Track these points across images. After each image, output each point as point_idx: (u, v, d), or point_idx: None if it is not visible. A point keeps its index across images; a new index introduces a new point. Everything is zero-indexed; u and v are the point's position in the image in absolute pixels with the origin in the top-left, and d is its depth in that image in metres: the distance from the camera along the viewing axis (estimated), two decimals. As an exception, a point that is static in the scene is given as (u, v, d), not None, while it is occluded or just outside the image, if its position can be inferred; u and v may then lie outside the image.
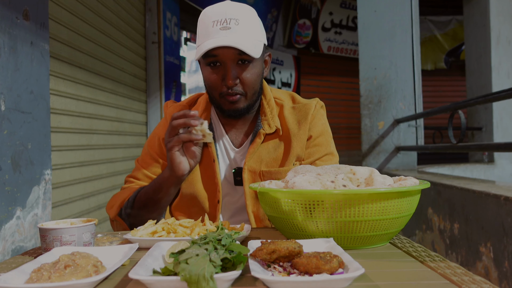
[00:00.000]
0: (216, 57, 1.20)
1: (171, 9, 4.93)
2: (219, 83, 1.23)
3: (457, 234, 2.21)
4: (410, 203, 0.96)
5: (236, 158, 1.35)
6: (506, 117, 4.55)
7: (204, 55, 1.20)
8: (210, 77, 1.24)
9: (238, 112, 1.27)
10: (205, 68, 1.25)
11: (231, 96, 1.23)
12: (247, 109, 1.28)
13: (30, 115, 1.37)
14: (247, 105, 1.27)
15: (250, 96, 1.26)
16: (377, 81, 3.86)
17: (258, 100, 1.32)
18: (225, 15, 1.18)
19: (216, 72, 1.23)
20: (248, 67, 1.22)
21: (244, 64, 1.22)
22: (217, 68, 1.22)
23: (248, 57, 1.20)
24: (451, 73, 8.54)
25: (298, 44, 7.72)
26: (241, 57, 1.20)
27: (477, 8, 4.72)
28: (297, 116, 1.36)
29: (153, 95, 4.61)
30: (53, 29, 2.51)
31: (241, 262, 0.74)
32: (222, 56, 1.19)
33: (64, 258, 0.78)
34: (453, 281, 0.72)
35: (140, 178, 1.39)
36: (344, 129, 8.11)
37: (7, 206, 1.25)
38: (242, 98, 1.25)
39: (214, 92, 1.26)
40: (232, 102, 1.24)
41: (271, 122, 1.32)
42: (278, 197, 0.96)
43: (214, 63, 1.22)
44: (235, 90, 1.22)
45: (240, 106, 1.25)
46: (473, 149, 2.71)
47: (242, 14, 1.20)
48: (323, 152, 1.36)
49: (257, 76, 1.25)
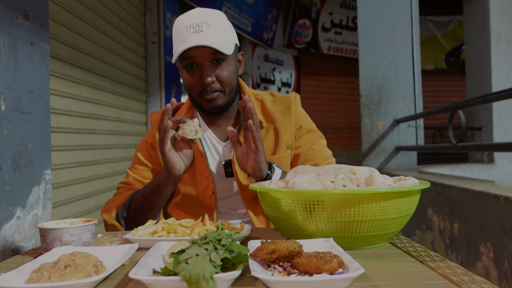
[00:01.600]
0: (192, 58, 1.28)
1: (171, 9, 4.93)
2: (197, 83, 1.31)
3: (457, 234, 2.21)
4: (410, 203, 0.96)
5: (224, 152, 1.41)
6: (506, 117, 4.55)
7: (181, 58, 1.29)
8: (188, 78, 1.32)
9: (218, 108, 1.34)
10: (183, 72, 1.33)
11: (210, 94, 1.30)
12: (227, 105, 1.36)
13: (30, 115, 1.37)
14: (226, 101, 1.34)
15: (228, 92, 1.34)
16: (377, 81, 3.86)
17: (236, 96, 1.40)
18: (196, 19, 1.28)
19: (194, 74, 1.31)
20: (223, 65, 1.30)
21: (219, 62, 1.30)
22: (194, 69, 1.31)
23: (221, 55, 1.28)
24: (451, 73, 8.53)
25: (298, 44, 7.72)
26: (215, 56, 1.28)
27: (477, 8, 4.72)
28: (280, 107, 1.45)
29: (153, 95, 4.61)
30: (53, 29, 2.51)
31: (241, 262, 0.75)
32: (198, 57, 1.27)
33: (64, 258, 0.78)
34: (453, 281, 0.72)
35: (131, 183, 1.45)
36: (344, 129, 8.10)
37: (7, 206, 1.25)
38: (220, 94, 1.32)
39: (193, 92, 1.33)
40: (211, 100, 1.31)
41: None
42: (278, 197, 0.96)
43: (191, 65, 1.30)
44: (213, 87, 1.30)
45: (219, 102, 1.33)
46: (473, 149, 2.71)
47: (212, 17, 1.29)
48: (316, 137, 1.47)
49: (232, 73, 1.33)
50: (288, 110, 1.44)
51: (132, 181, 1.45)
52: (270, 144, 1.41)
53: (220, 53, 1.27)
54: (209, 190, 1.38)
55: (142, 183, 1.44)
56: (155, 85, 4.62)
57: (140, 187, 1.43)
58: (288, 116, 1.43)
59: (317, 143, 1.46)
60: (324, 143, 1.49)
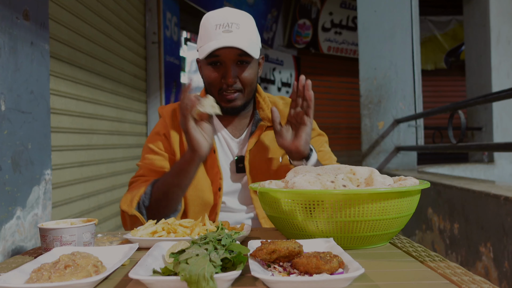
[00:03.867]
0: (218, 57, 1.31)
1: (171, 9, 4.93)
2: (218, 81, 1.34)
3: (457, 234, 2.21)
4: (410, 203, 0.96)
5: (236, 148, 1.44)
6: (506, 117, 4.55)
7: (207, 55, 1.30)
8: (211, 75, 1.34)
9: (235, 109, 1.38)
10: (206, 67, 1.35)
11: (230, 94, 1.34)
12: (244, 106, 1.39)
13: (30, 115, 1.37)
14: (244, 102, 1.38)
15: (247, 94, 1.37)
16: (377, 81, 3.86)
17: (253, 98, 1.45)
18: (227, 19, 1.30)
19: (217, 71, 1.33)
20: (247, 67, 1.34)
21: (243, 64, 1.33)
22: (217, 67, 1.33)
23: (247, 57, 1.31)
24: (451, 73, 8.53)
25: (298, 44, 7.72)
26: (241, 58, 1.31)
27: (477, 8, 4.72)
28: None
29: (153, 95, 4.61)
30: (53, 29, 2.51)
31: (241, 262, 0.75)
32: (224, 56, 1.30)
33: (64, 258, 0.78)
34: (453, 281, 0.72)
35: (146, 174, 1.42)
36: (344, 129, 8.10)
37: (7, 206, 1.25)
38: (240, 95, 1.36)
39: (213, 89, 1.36)
40: (230, 100, 1.35)
41: (269, 115, 1.44)
42: (278, 197, 0.96)
43: (215, 63, 1.33)
44: (234, 87, 1.33)
45: (238, 103, 1.36)
46: (473, 149, 2.71)
47: (242, 19, 1.32)
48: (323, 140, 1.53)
49: (254, 75, 1.37)
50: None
51: (146, 173, 1.42)
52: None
53: (246, 55, 1.30)
54: (215, 186, 1.40)
55: (157, 172, 1.41)
56: (155, 85, 4.62)
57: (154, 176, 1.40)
58: None
59: (324, 146, 1.52)
60: (329, 148, 1.54)
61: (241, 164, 1.41)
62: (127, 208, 1.33)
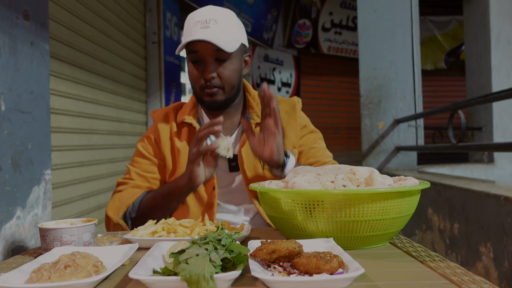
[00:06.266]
0: (196, 53, 1.33)
1: (171, 9, 4.92)
2: (199, 77, 1.36)
3: (457, 234, 2.21)
4: (410, 203, 0.96)
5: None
6: (506, 117, 4.55)
7: (188, 51, 1.34)
8: (192, 72, 1.37)
9: (216, 103, 1.38)
10: (189, 65, 1.38)
11: (209, 89, 1.35)
12: (226, 102, 1.39)
13: (30, 115, 1.37)
14: (225, 98, 1.38)
15: (228, 90, 1.37)
16: (377, 81, 3.86)
17: (237, 95, 1.44)
18: (205, 16, 1.32)
19: (197, 68, 1.36)
20: (225, 63, 1.34)
21: (222, 60, 1.34)
22: (198, 64, 1.35)
23: (225, 54, 1.32)
24: (451, 73, 8.53)
25: (298, 44, 7.72)
26: (219, 53, 1.32)
27: (477, 8, 4.72)
28: (284, 107, 1.49)
29: (153, 95, 4.61)
30: (53, 29, 2.51)
31: (241, 262, 0.75)
32: (202, 51, 1.32)
33: (64, 258, 0.78)
34: (453, 281, 0.72)
35: (134, 178, 1.43)
36: (344, 129, 8.10)
37: (7, 206, 1.25)
38: (220, 91, 1.36)
39: (195, 85, 1.38)
40: (210, 94, 1.36)
41: (259, 113, 1.44)
42: (278, 197, 0.96)
43: (196, 61, 1.35)
44: (213, 83, 1.34)
45: (218, 98, 1.37)
46: (473, 149, 2.71)
47: (220, 15, 1.33)
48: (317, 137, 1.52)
49: (234, 71, 1.37)
50: (293, 111, 1.49)
51: (134, 176, 1.43)
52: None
53: (223, 51, 1.30)
54: (209, 185, 1.39)
55: (145, 178, 1.43)
56: (155, 85, 4.62)
57: (141, 181, 1.42)
58: (293, 116, 1.48)
59: (318, 143, 1.51)
60: (324, 144, 1.53)
61: (234, 163, 1.42)
62: (113, 215, 1.35)
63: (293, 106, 1.50)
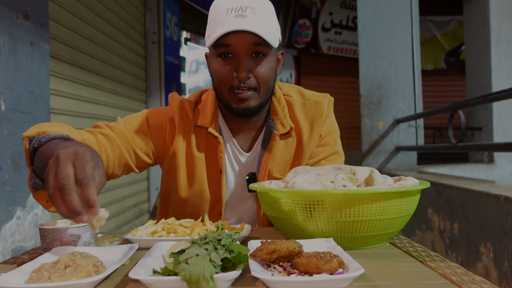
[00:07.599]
0: (229, 46, 1.10)
1: (171, 9, 4.92)
2: (230, 76, 1.13)
3: (457, 234, 2.21)
4: (410, 203, 0.96)
5: (247, 163, 1.26)
6: (506, 117, 4.55)
7: (216, 44, 1.11)
8: (220, 69, 1.13)
9: (249, 111, 1.16)
10: (216, 60, 1.14)
11: (242, 93, 1.13)
12: (259, 108, 1.17)
13: (30, 115, 1.37)
14: (259, 104, 1.16)
15: (263, 93, 1.16)
16: (377, 81, 3.86)
17: (269, 99, 1.22)
18: (240, 3, 1.09)
19: (228, 64, 1.13)
20: (263, 60, 1.13)
21: (259, 57, 1.13)
22: (228, 59, 1.13)
23: (263, 48, 1.11)
24: (451, 73, 8.53)
25: (298, 44, 7.72)
26: (256, 48, 1.11)
27: (477, 8, 4.72)
28: (309, 115, 1.26)
29: (153, 95, 4.61)
30: (53, 29, 2.51)
31: (241, 262, 0.74)
32: (236, 45, 1.10)
33: (64, 258, 0.78)
34: (453, 281, 0.72)
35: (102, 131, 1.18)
36: (344, 129, 8.10)
37: (7, 206, 1.25)
38: (254, 94, 1.14)
39: (223, 86, 1.15)
40: (242, 99, 1.14)
41: (284, 121, 1.23)
42: (278, 197, 0.96)
43: (225, 54, 1.12)
44: (247, 84, 1.12)
45: (251, 104, 1.15)
46: (473, 149, 2.71)
47: (258, 2, 1.11)
48: (329, 152, 1.29)
49: (271, 71, 1.16)
50: (319, 121, 1.26)
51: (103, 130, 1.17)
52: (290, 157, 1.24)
53: (262, 45, 1.10)
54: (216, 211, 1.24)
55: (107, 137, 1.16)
56: (155, 85, 4.62)
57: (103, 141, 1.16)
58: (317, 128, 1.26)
59: (328, 159, 1.29)
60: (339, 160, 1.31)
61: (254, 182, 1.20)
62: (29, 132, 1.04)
63: (320, 115, 1.26)
